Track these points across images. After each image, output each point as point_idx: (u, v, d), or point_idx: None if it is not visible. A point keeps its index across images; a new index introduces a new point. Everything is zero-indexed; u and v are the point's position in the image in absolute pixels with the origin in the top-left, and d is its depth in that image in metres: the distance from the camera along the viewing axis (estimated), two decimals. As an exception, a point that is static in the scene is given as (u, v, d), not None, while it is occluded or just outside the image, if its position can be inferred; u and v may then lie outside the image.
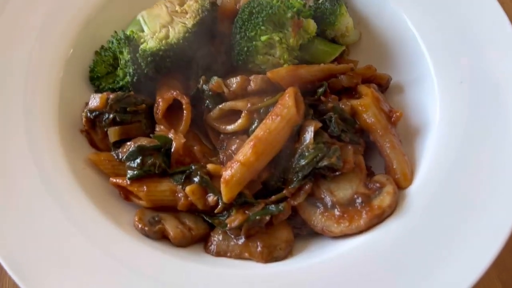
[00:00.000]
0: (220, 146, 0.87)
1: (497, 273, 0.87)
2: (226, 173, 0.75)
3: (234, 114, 0.85)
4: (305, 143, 0.78)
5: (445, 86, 0.85)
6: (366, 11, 0.98)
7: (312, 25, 0.88)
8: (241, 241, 0.76)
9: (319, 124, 0.79)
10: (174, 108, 0.87)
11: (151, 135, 0.83)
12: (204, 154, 0.84)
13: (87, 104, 0.86)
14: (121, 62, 0.89)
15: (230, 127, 0.85)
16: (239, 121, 0.84)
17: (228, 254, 0.76)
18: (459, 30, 0.88)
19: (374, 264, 0.70)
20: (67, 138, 0.83)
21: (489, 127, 0.79)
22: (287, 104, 0.78)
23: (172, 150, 0.81)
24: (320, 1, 0.92)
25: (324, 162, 0.76)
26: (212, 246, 0.76)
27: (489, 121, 0.80)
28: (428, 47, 0.89)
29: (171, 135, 0.81)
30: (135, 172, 0.78)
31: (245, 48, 0.87)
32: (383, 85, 0.91)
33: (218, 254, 0.76)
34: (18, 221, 0.71)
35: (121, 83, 0.90)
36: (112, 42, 0.91)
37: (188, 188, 0.76)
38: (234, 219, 0.74)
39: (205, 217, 0.79)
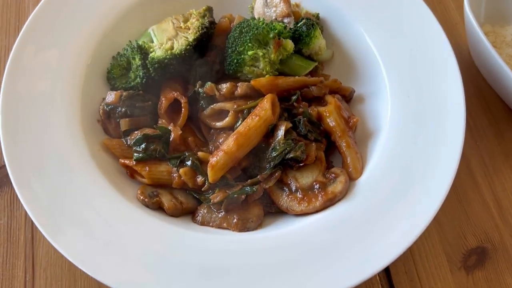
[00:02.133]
0: (210, 139, 1.02)
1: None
2: (212, 159, 0.92)
3: (223, 113, 1.01)
4: (277, 139, 0.95)
5: (396, 99, 1.01)
6: (339, 35, 1.15)
7: (290, 45, 1.03)
8: (221, 214, 0.93)
9: (290, 124, 0.96)
10: (174, 106, 1.03)
11: (154, 126, 1.00)
12: (197, 144, 1.00)
13: (104, 99, 1.02)
14: (133, 66, 1.05)
15: (219, 124, 1.01)
16: (227, 119, 1.00)
17: (211, 224, 0.93)
18: (410, 53, 1.05)
19: (324, 234, 0.88)
20: (87, 126, 0.99)
21: (428, 134, 0.96)
22: (265, 107, 0.95)
23: (171, 139, 0.97)
24: (298, 25, 1.07)
25: (291, 155, 0.93)
26: (198, 217, 0.94)
27: (428, 130, 0.97)
28: (385, 67, 1.05)
29: (170, 127, 0.98)
30: (140, 155, 0.95)
31: (235, 60, 1.03)
32: (347, 96, 1.07)
33: (203, 223, 0.93)
34: (47, 182, 0.89)
35: (132, 83, 1.04)
36: (127, 50, 1.06)
37: (181, 170, 0.94)
38: (217, 196, 0.92)
39: (194, 194, 0.96)
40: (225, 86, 1.02)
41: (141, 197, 0.93)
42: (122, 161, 0.97)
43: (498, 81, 1.15)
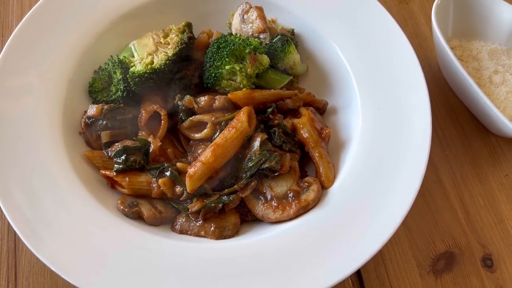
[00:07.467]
0: (189, 150, 1.05)
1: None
2: (190, 170, 0.95)
3: (201, 125, 1.04)
4: (253, 150, 0.99)
5: (366, 111, 1.06)
6: (313, 50, 1.19)
7: (265, 59, 1.07)
8: (199, 222, 0.96)
9: (265, 136, 1.00)
10: (154, 119, 1.06)
11: (134, 138, 1.02)
12: (176, 155, 1.04)
13: (85, 112, 1.04)
14: (114, 80, 1.08)
15: (198, 135, 1.04)
16: (205, 130, 1.03)
17: (189, 232, 0.96)
18: (380, 67, 1.09)
19: (298, 240, 0.92)
20: (69, 138, 1.02)
21: (396, 144, 1.01)
22: (241, 119, 0.99)
23: (150, 150, 1.00)
24: (273, 41, 1.12)
25: (266, 165, 0.97)
26: (177, 225, 0.97)
27: (396, 140, 1.01)
28: (357, 80, 1.09)
29: (150, 139, 1.01)
30: (120, 166, 0.98)
31: (213, 74, 1.07)
32: (320, 108, 1.12)
33: (181, 232, 0.96)
34: (30, 193, 0.91)
35: (113, 97, 1.07)
36: (108, 64, 1.09)
37: (160, 180, 0.97)
38: (194, 205, 0.95)
39: (173, 204, 0.98)
40: (203, 99, 1.05)
41: (121, 207, 0.96)
42: (103, 172, 1.00)
43: (464, 93, 1.20)
